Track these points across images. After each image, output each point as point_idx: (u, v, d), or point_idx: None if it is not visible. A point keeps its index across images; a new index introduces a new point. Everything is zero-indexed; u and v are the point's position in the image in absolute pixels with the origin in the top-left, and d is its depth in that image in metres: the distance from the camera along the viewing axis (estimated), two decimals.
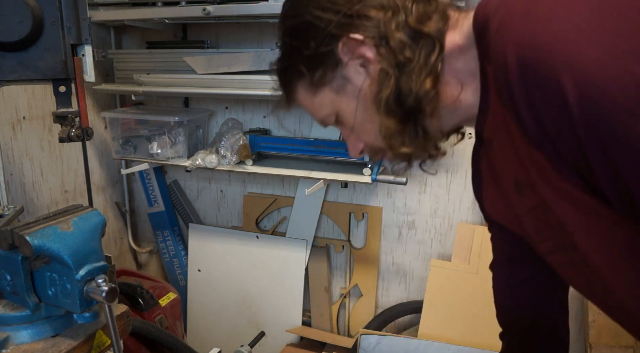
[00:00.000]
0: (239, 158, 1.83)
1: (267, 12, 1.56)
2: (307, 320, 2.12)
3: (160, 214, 2.26)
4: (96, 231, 0.85)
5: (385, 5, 0.64)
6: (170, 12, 1.69)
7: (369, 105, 0.67)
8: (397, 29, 0.63)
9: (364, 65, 0.66)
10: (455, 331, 1.78)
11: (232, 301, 2.18)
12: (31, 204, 1.78)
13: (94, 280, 0.79)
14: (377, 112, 0.66)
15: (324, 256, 2.07)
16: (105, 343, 0.90)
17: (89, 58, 0.97)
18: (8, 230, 0.77)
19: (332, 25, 0.65)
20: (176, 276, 2.31)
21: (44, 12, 0.90)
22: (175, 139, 1.91)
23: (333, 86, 0.70)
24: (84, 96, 0.97)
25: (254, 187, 2.17)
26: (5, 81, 0.92)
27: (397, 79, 0.63)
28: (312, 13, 0.67)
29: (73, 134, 0.95)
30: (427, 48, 0.62)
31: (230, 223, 2.26)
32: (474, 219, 1.87)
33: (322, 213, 2.07)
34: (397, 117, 0.65)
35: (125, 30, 2.12)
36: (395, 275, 2.06)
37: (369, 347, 1.80)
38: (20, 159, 1.72)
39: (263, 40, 1.95)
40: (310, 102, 0.74)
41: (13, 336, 0.83)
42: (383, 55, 0.64)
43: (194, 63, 1.81)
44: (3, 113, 1.64)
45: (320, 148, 1.84)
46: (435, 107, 0.64)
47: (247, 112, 2.07)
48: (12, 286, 0.82)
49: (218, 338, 2.21)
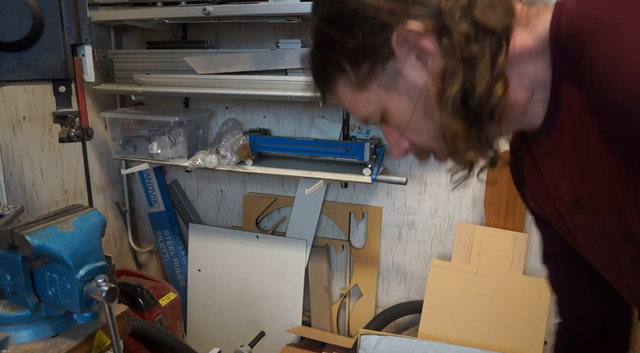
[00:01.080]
0: (239, 158, 1.83)
1: (267, 12, 1.56)
2: (307, 320, 2.12)
3: (160, 214, 2.26)
4: (96, 231, 0.85)
5: None
6: (170, 12, 1.69)
7: (429, 104, 0.60)
8: (461, 19, 0.55)
9: (422, 58, 0.59)
10: (455, 331, 1.78)
11: (232, 301, 2.18)
12: (31, 204, 1.78)
13: (94, 280, 0.79)
14: (441, 111, 0.59)
15: (324, 256, 2.07)
16: (105, 343, 0.89)
17: (89, 58, 0.97)
18: (8, 230, 0.77)
19: (383, 13, 0.57)
20: (176, 276, 2.31)
21: (44, 12, 0.90)
22: (175, 139, 1.91)
23: (382, 82, 0.62)
24: (84, 96, 0.97)
25: (254, 187, 2.17)
26: (5, 81, 0.92)
27: (465, 75, 0.56)
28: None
29: (73, 134, 0.95)
30: (493, 45, 0.56)
31: (230, 223, 2.26)
32: (474, 219, 1.87)
33: (322, 213, 2.07)
34: (464, 119, 0.58)
35: (125, 30, 2.12)
36: (395, 275, 2.06)
37: (369, 347, 1.80)
38: (20, 159, 1.72)
39: (263, 40, 1.95)
40: (353, 99, 0.66)
41: (13, 336, 0.83)
42: (447, 48, 0.56)
43: (194, 63, 1.81)
44: (3, 113, 1.64)
45: (320, 148, 1.84)
46: (504, 112, 0.57)
47: (247, 112, 2.07)
48: (12, 286, 0.82)
49: (218, 338, 2.21)
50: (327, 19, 0.62)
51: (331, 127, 1.94)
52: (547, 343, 1.72)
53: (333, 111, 1.94)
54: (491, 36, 0.56)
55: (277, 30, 1.92)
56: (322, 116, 1.96)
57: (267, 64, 1.73)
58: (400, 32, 0.58)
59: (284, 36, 1.89)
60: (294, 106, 1.99)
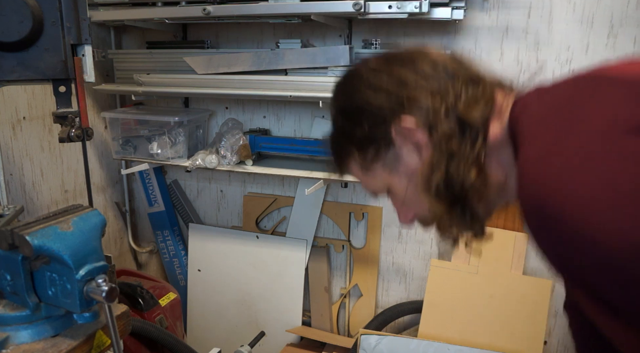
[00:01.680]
0: (239, 158, 1.83)
1: (267, 12, 1.56)
2: (307, 320, 2.12)
3: (160, 214, 2.26)
4: (96, 231, 0.85)
5: (435, 89, 0.66)
6: (170, 12, 1.69)
7: (420, 186, 0.70)
8: (445, 117, 0.65)
9: (417, 147, 0.69)
10: (455, 331, 1.78)
11: (232, 301, 2.18)
12: (31, 204, 1.78)
13: (94, 280, 0.79)
14: (427, 195, 0.69)
15: (324, 256, 2.07)
16: (105, 343, 0.90)
17: (89, 58, 0.98)
18: (8, 230, 0.77)
19: (384, 110, 0.68)
20: (176, 276, 2.31)
21: (44, 12, 0.90)
22: (175, 139, 1.91)
23: (385, 164, 0.73)
24: (84, 96, 0.97)
25: (254, 187, 2.17)
26: (5, 81, 0.92)
27: (447, 166, 0.66)
28: (364, 96, 0.70)
29: (73, 134, 0.95)
30: (472, 137, 0.65)
31: (230, 223, 2.26)
32: None
33: (322, 213, 2.07)
34: (446, 202, 0.68)
35: (125, 30, 2.12)
36: (395, 275, 2.06)
37: (369, 347, 1.80)
38: (20, 159, 1.72)
39: (263, 41, 1.95)
40: (363, 176, 0.78)
41: (13, 336, 0.83)
42: (434, 142, 0.66)
43: (194, 63, 1.81)
44: (3, 113, 1.64)
45: (321, 148, 1.84)
46: (482, 194, 0.66)
47: (247, 112, 2.07)
48: (12, 286, 0.82)
49: (218, 338, 2.21)
50: (341, 111, 0.75)
51: None
52: (547, 343, 1.72)
53: None
54: (471, 129, 0.65)
55: (277, 30, 1.92)
56: (322, 116, 1.96)
57: (267, 64, 1.73)
58: (397, 126, 0.68)
59: (284, 36, 1.89)
60: (294, 106, 1.99)
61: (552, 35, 1.64)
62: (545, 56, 1.66)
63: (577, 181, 0.50)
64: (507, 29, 1.68)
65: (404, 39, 1.78)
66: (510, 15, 1.66)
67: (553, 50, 1.65)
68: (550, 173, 0.53)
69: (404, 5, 1.44)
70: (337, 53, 1.67)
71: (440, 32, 1.74)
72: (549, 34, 1.64)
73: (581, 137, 0.53)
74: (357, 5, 1.44)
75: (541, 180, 0.53)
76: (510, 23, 1.67)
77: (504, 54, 1.70)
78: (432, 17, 1.51)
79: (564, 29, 1.62)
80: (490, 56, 1.71)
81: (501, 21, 1.68)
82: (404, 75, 0.68)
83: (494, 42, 1.70)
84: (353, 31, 1.80)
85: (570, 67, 1.65)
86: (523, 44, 1.67)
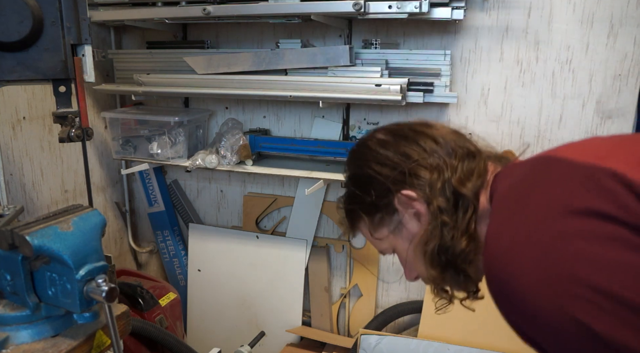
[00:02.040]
0: (239, 158, 1.83)
1: (267, 12, 1.56)
2: (307, 320, 2.12)
3: (160, 214, 2.26)
4: (96, 231, 0.85)
5: (434, 165, 0.75)
6: (170, 12, 1.69)
7: (417, 252, 0.78)
8: (441, 190, 0.73)
9: (417, 215, 0.77)
10: (455, 331, 1.77)
11: (232, 301, 2.18)
12: (31, 204, 1.78)
13: (94, 280, 0.79)
14: (423, 261, 0.77)
15: (323, 256, 2.07)
16: (105, 343, 0.90)
17: (89, 58, 0.98)
18: (8, 230, 0.77)
19: (389, 181, 0.77)
20: (176, 276, 2.31)
21: (44, 12, 0.90)
22: (175, 139, 1.91)
23: (391, 228, 0.81)
24: (84, 96, 0.97)
25: (254, 187, 2.17)
26: (5, 81, 0.92)
27: (441, 235, 0.73)
28: (372, 167, 0.79)
29: (73, 134, 0.95)
30: (464, 208, 0.72)
31: (230, 223, 2.26)
32: None
33: (322, 213, 2.07)
34: (439, 266, 0.75)
35: (125, 30, 2.12)
36: (395, 275, 2.06)
37: (369, 347, 1.80)
38: (20, 159, 1.72)
39: (263, 40, 1.95)
40: (371, 237, 0.86)
41: (13, 336, 0.83)
42: (432, 212, 0.74)
43: (194, 63, 1.81)
44: (3, 113, 1.64)
45: (320, 148, 1.84)
46: (472, 260, 0.73)
47: (247, 112, 2.07)
48: (12, 286, 0.82)
49: (218, 338, 2.21)
50: (353, 179, 0.84)
51: (331, 127, 1.94)
52: None
53: (333, 111, 1.94)
54: (463, 201, 0.72)
55: (277, 30, 1.92)
56: (322, 116, 1.96)
57: (267, 64, 1.73)
58: (399, 196, 0.77)
59: (284, 36, 1.89)
60: (294, 106, 1.99)
61: (552, 35, 1.64)
62: (545, 55, 1.66)
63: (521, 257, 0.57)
64: (507, 29, 1.68)
65: (404, 39, 1.78)
66: (510, 15, 1.66)
67: (553, 50, 1.65)
68: (501, 248, 0.60)
69: (404, 5, 1.44)
70: (337, 53, 1.67)
71: (440, 32, 1.74)
72: (548, 33, 1.64)
73: (528, 217, 0.59)
74: (357, 5, 1.44)
75: (494, 254, 0.61)
76: (510, 23, 1.67)
77: (504, 53, 1.70)
78: (432, 17, 1.51)
79: (564, 28, 1.63)
80: (490, 55, 1.71)
81: (501, 21, 1.68)
82: (408, 151, 0.77)
83: (494, 42, 1.70)
84: (353, 31, 1.80)
85: (570, 67, 1.65)
86: (523, 43, 1.67)
